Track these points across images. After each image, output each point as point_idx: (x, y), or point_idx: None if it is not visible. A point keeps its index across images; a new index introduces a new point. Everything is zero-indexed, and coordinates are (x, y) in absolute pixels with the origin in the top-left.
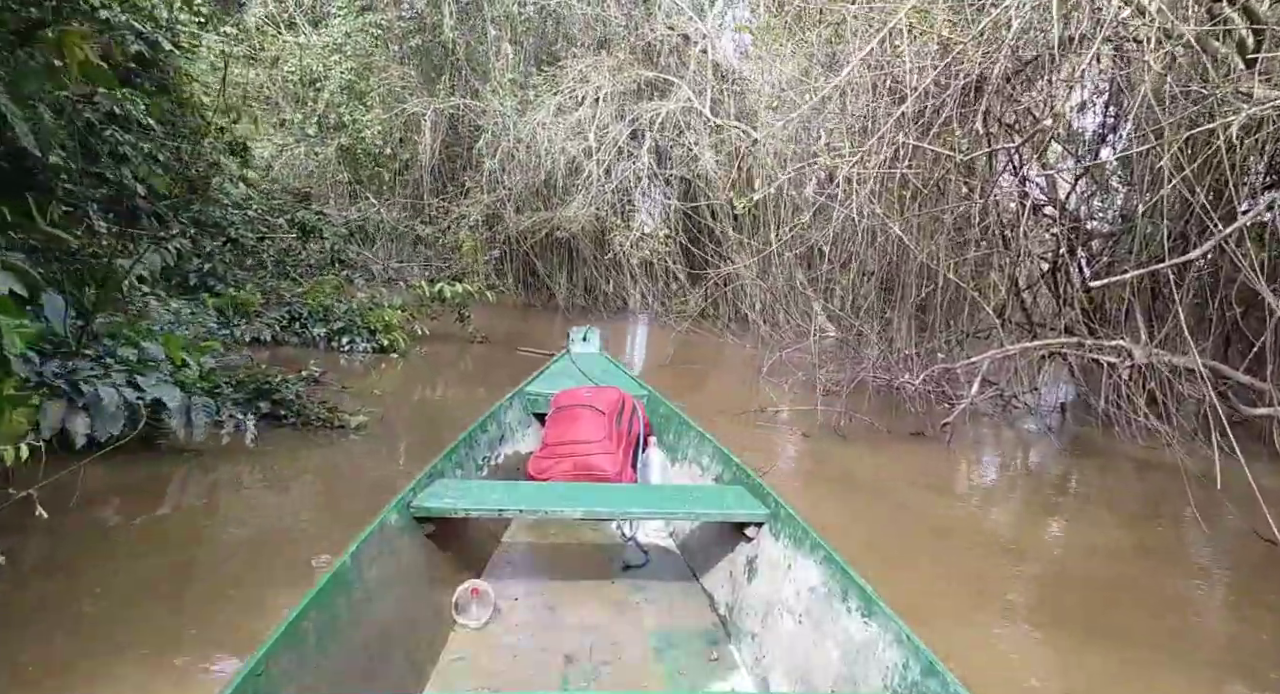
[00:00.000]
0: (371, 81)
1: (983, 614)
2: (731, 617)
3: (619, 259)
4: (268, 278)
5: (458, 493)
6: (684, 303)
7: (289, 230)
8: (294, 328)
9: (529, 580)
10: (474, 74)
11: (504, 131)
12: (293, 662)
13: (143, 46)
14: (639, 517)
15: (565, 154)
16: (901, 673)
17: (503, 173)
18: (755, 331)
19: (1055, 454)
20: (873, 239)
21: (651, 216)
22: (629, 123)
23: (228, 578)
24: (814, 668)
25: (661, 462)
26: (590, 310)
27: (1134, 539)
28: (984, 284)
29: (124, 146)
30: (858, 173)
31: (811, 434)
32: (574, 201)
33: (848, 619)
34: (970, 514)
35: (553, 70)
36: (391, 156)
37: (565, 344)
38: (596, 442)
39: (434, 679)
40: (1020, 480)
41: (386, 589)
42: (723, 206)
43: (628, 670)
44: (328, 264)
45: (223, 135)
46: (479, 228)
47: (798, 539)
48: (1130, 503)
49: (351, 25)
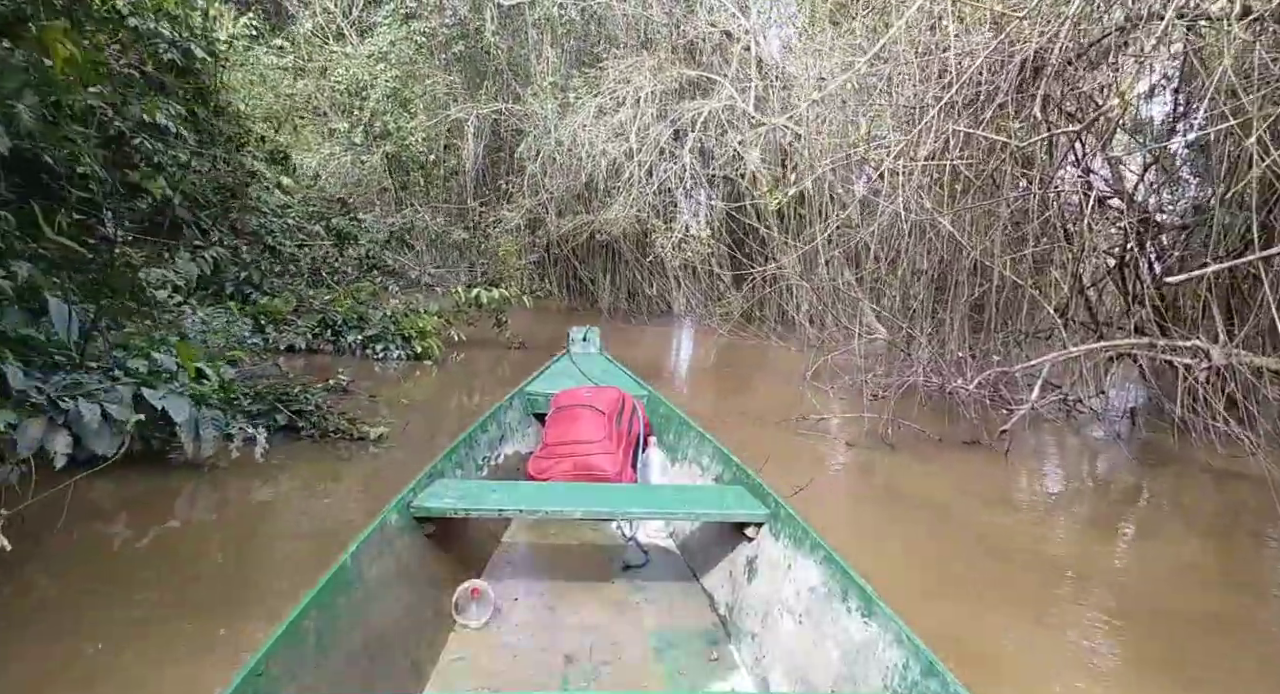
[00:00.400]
0: (415, 89)
1: (1046, 654)
2: (731, 617)
3: (661, 262)
4: (303, 285)
5: (458, 493)
6: (727, 305)
7: (325, 237)
8: (326, 336)
9: (529, 580)
10: (515, 78)
11: (545, 135)
12: (293, 662)
13: (175, 54)
14: (639, 517)
15: (606, 156)
16: (901, 673)
17: (544, 176)
18: (801, 334)
19: (1125, 463)
20: (922, 235)
21: (695, 218)
22: (670, 123)
23: (199, 609)
24: (814, 668)
25: (661, 462)
26: (633, 314)
27: (1217, 562)
28: (1044, 281)
29: (158, 155)
30: (904, 165)
31: (857, 443)
32: (615, 204)
33: (848, 619)
34: (1031, 532)
35: (593, 72)
36: (435, 163)
37: (565, 344)
38: (596, 442)
39: (434, 679)
40: (1086, 493)
41: (386, 589)
42: (767, 206)
43: (628, 670)
44: (365, 271)
45: (263, 144)
46: (521, 232)
47: (798, 539)
48: (1210, 518)
49: (396, 34)
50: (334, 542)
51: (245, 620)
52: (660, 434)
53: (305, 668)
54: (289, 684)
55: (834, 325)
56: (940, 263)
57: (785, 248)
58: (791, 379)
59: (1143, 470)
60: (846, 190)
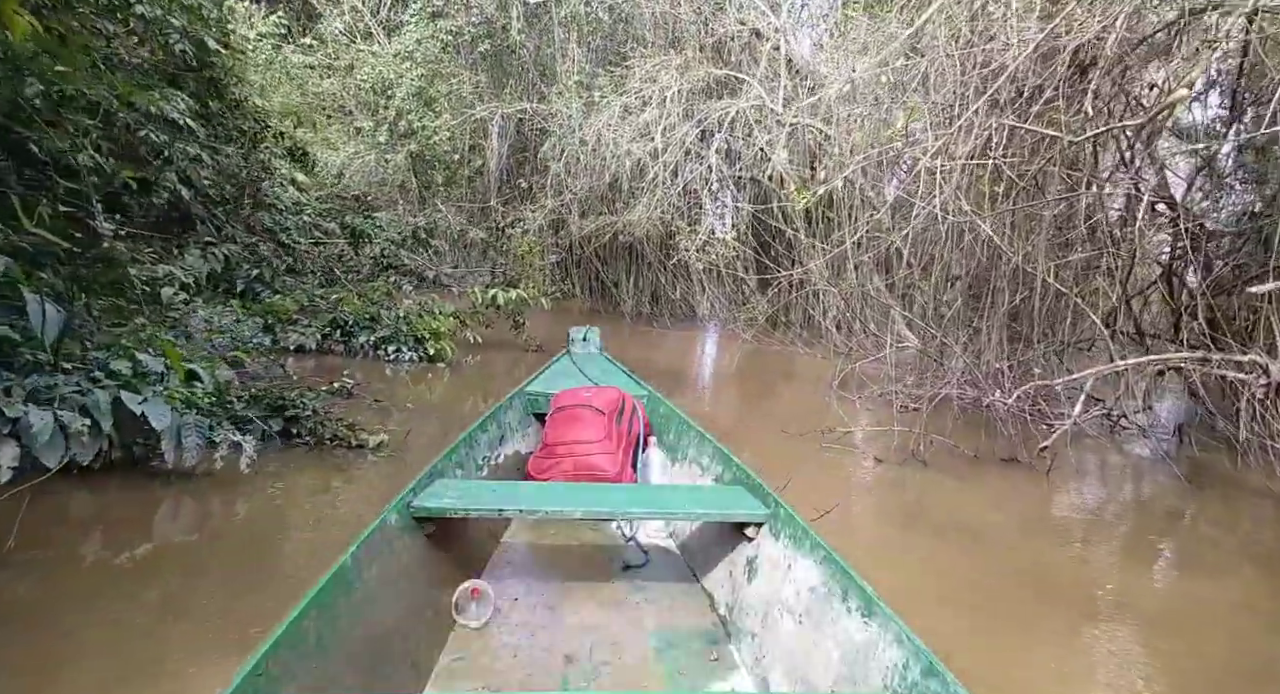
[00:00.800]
0: (440, 87)
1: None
2: (731, 617)
3: (685, 265)
4: (315, 284)
5: (458, 493)
6: (752, 310)
7: (340, 235)
8: (336, 336)
9: (529, 580)
10: (541, 78)
11: (569, 134)
12: (293, 662)
13: (187, 46)
14: (639, 517)
15: (631, 156)
16: (901, 673)
17: (567, 176)
18: (828, 341)
19: (1173, 484)
20: (959, 239)
21: (720, 220)
22: (697, 123)
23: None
24: (814, 668)
25: (661, 462)
26: (656, 317)
27: (1273, 600)
28: (1087, 289)
29: (166, 149)
30: (942, 164)
31: (886, 458)
32: (639, 205)
33: (848, 619)
34: (1074, 560)
35: (619, 71)
36: (460, 162)
37: (565, 344)
38: (596, 442)
39: (434, 679)
40: (1133, 516)
41: (386, 589)
42: (795, 208)
43: (628, 670)
44: (380, 270)
45: (281, 140)
46: (544, 232)
47: (798, 539)
48: (1267, 548)
49: (423, 32)
50: (316, 563)
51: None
52: (660, 434)
53: (305, 668)
54: (289, 684)
55: (862, 332)
56: (977, 268)
57: (814, 252)
58: (817, 388)
59: (1192, 492)
60: (877, 192)
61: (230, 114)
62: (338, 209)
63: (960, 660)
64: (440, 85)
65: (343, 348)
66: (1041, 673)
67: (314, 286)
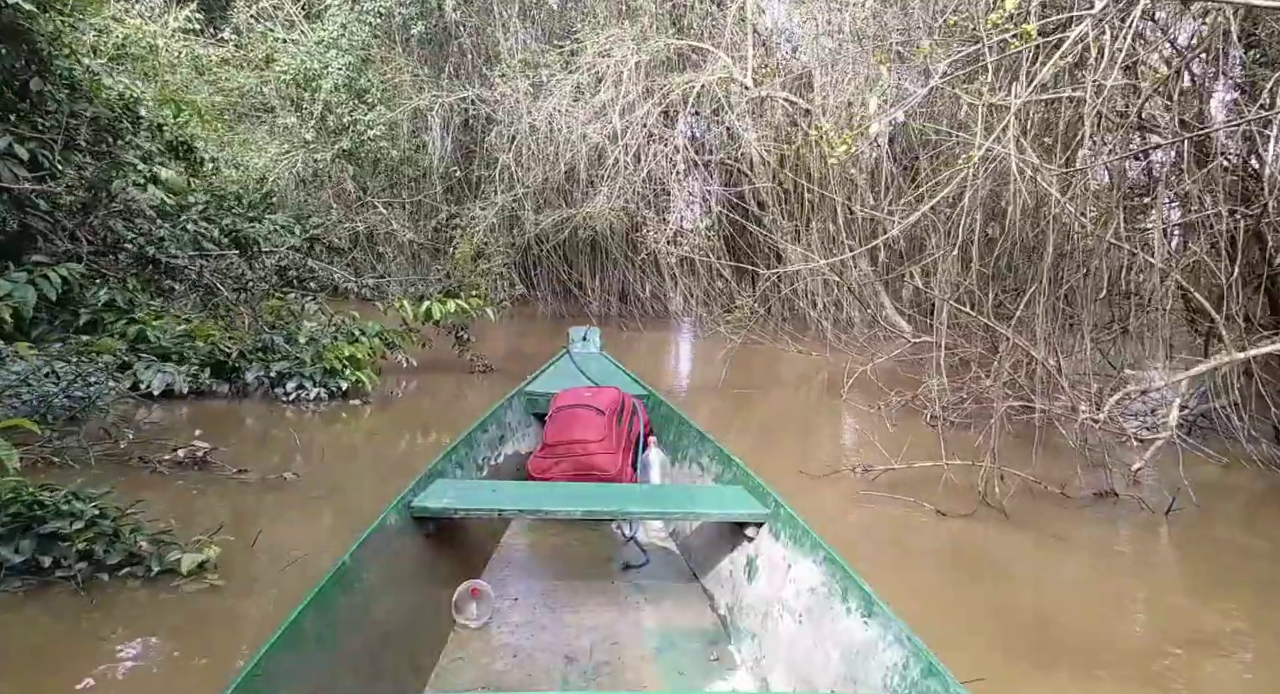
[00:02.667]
0: (372, 77)
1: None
2: (731, 617)
3: (655, 258)
4: (191, 307)
5: (457, 493)
6: (733, 308)
7: (222, 244)
8: (208, 375)
9: (529, 580)
10: (485, 62)
11: (517, 120)
12: (293, 662)
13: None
14: (639, 517)
15: (587, 141)
16: (901, 673)
17: (517, 167)
18: (818, 333)
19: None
20: (996, 203)
21: (690, 207)
22: (660, 99)
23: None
24: (814, 668)
25: (661, 462)
26: (627, 318)
27: None
28: (1179, 264)
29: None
30: (984, 107)
31: (948, 509)
32: (599, 195)
33: (848, 619)
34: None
35: (569, 45)
36: (400, 159)
37: (565, 344)
38: (596, 441)
39: (434, 679)
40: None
41: (386, 589)
42: (772, 191)
43: (628, 670)
44: (283, 285)
45: (160, 133)
46: (497, 231)
47: (798, 539)
48: None
49: (348, 17)
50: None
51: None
52: (660, 434)
53: (305, 668)
54: (289, 684)
55: (860, 321)
56: (1036, 237)
57: (795, 236)
58: (823, 394)
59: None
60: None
61: (67, 98)
62: (216, 214)
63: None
64: (371, 74)
65: (229, 388)
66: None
67: (192, 310)
